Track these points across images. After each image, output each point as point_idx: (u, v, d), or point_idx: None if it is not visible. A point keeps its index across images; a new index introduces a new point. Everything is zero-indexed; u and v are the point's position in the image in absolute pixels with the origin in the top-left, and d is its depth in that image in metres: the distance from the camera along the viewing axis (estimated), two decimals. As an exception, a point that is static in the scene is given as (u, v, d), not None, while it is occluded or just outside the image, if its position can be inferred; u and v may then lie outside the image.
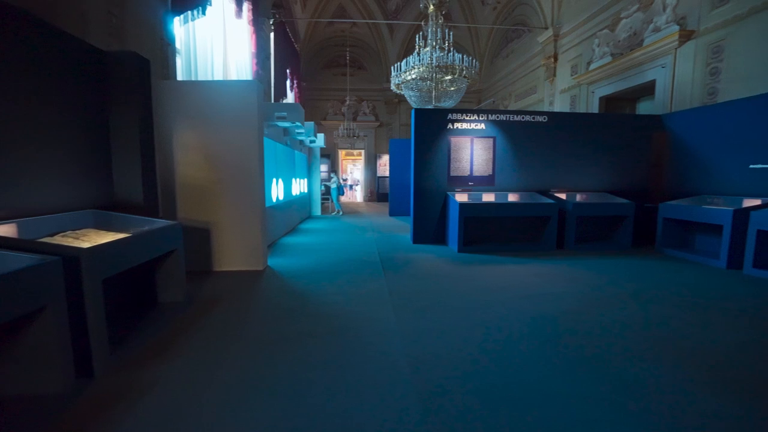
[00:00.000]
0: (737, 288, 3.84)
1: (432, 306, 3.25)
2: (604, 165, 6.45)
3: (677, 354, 2.36)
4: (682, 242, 5.70)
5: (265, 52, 9.80)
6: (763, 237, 4.33)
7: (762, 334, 2.69)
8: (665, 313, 3.10)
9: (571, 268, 4.65)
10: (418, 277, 4.20)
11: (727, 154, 5.37)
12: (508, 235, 6.15)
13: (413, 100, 8.38)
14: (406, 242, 6.44)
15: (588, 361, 2.26)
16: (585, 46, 10.00)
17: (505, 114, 6.24)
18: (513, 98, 14.28)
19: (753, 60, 6.01)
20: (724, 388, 1.96)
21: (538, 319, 2.95)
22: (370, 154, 17.54)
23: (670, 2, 7.39)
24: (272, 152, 6.25)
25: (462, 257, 5.23)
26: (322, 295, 3.55)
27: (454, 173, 6.17)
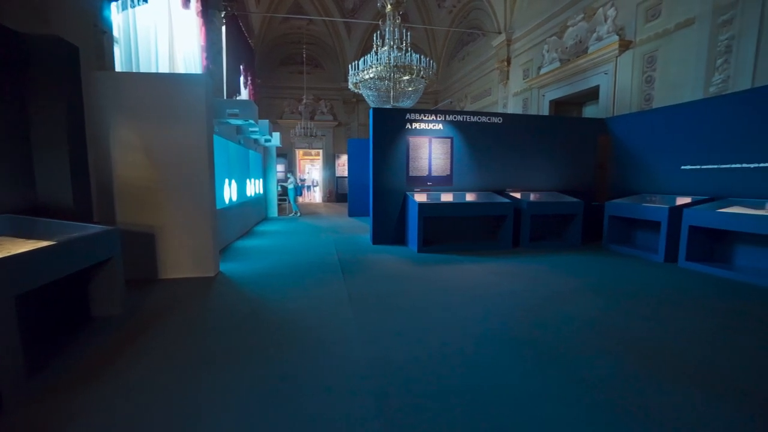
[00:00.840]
0: (673, 280, 4.13)
1: (393, 309, 3.19)
2: (554, 165, 6.74)
3: (629, 346, 2.46)
4: (625, 238, 6.08)
5: (217, 46, 9.30)
6: (694, 232, 4.71)
7: (700, 322, 2.89)
8: (615, 307, 3.25)
9: (527, 265, 4.79)
10: (379, 280, 4.13)
11: (662, 156, 5.80)
12: (467, 234, 6.25)
13: (371, 99, 8.32)
14: (366, 243, 6.36)
15: (550, 358, 2.30)
16: (536, 52, 10.45)
17: (461, 115, 6.35)
18: (469, 100, 14.66)
19: (680, 70, 6.55)
20: (683, 379, 2.06)
21: (499, 318, 2.98)
22: (328, 153, 17.28)
23: (611, 14, 7.89)
24: (224, 151, 5.91)
25: (422, 257, 5.24)
26: (277, 302, 3.37)
27: (413, 173, 6.18)
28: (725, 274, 4.29)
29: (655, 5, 7.01)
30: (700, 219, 4.59)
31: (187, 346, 2.48)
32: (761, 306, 3.29)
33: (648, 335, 2.65)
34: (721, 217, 4.39)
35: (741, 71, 5.66)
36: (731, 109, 4.85)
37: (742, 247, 4.62)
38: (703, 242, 4.77)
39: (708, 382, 2.02)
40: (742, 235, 4.58)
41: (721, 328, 2.79)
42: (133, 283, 3.86)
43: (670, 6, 6.74)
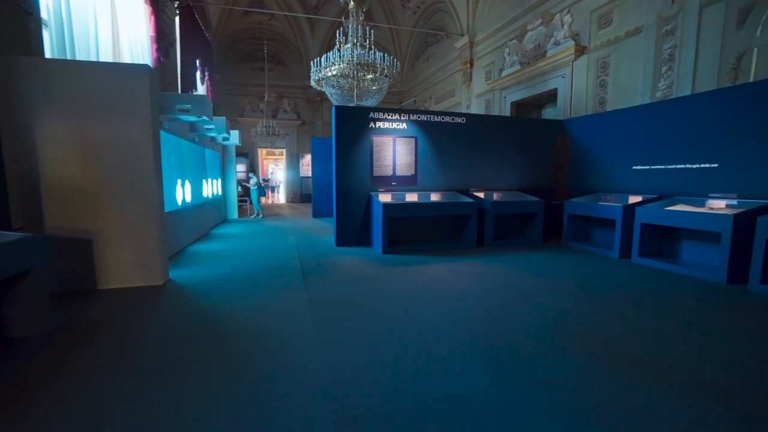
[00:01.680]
0: (628, 276, 4.28)
1: (356, 314, 3.05)
2: (516, 165, 6.87)
3: (592, 344, 2.46)
4: (583, 236, 6.29)
5: (169, 38, 8.74)
6: (645, 229, 4.92)
7: (656, 318, 2.97)
8: (576, 306, 3.29)
9: (491, 265, 4.81)
10: (342, 283, 3.98)
11: (615, 157, 6.04)
12: (432, 234, 6.22)
13: (334, 97, 8.13)
14: (330, 245, 6.17)
15: (517, 361, 2.25)
16: (497, 54, 10.66)
17: (425, 114, 6.31)
18: (433, 100, 14.78)
19: (630, 75, 6.88)
20: (646, 376, 2.06)
21: (464, 320, 2.92)
22: (292, 153, 16.84)
23: (567, 20, 8.17)
24: (175, 149, 5.52)
25: (387, 259, 5.13)
26: (232, 311, 3.14)
27: (377, 173, 6.06)
28: (673, 268, 4.51)
29: (607, 13, 7.32)
30: (650, 217, 4.80)
31: (129, 365, 2.22)
32: (706, 299, 3.45)
33: (610, 333, 2.68)
34: (668, 214, 4.60)
35: (683, 78, 6.00)
36: (675, 113, 5.12)
37: (687, 242, 4.88)
38: (653, 238, 4.99)
39: (670, 377, 2.05)
40: (686, 231, 4.84)
41: (674, 323, 2.87)
42: (68, 295, 3.47)
43: (620, 15, 7.06)
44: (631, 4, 6.79)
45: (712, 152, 4.70)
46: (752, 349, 2.43)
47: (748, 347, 2.46)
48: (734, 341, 2.55)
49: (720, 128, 4.61)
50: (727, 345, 2.49)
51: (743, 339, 2.59)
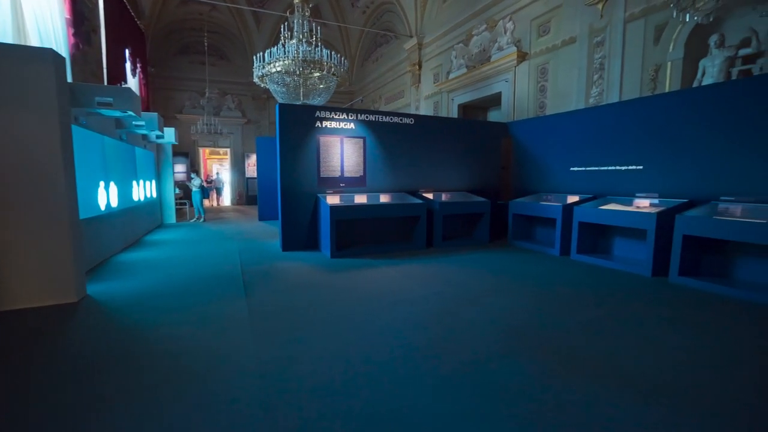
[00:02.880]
0: (568, 273, 4.47)
1: (301, 325, 2.86)
2: (463, 166, 6.99)
3: (539, 345, 2.48)
4: (527, 234, 6.54)
5: (91, 23, 7.86)
6: (582, 228, 5.19)
7: (593, 314, 3.09)
8: (522, 304, 3.35)
9: (441, 266, 4.81)
10: (286, 291, 3.75)
11: (555, 158, 6.34)
12: (381, 236, 6.14)
13: (279, 95, 7.78)
14: (275, 250, 5.87)
15: (466, 367, 2.19)
16: (445, 57, 10.86)
17: (373, 114, 6.22)
18: (383, 101, 14.78)
19: (566, 82, 7.28)
20: (591, 375, 2.09)
21: (414, 326, 2.84)
22: (237, 153, 16.03)
23: (509, 27, 8.49)
24: (96, 148, 4.94)
25: (335, 263, 4.96)
26: (159, 330, 2.80)
27: (324, 174, 5.86)
28: (607, 264, 4.79)
29: (545, 22, 7.70)
30: (586, 216, 5.07)
31: (15, 409, 1.86)
32: (634, 292, 3.68)
33: (554, 332, 2.73)
34: (602, 213, 4.89)
35: (612, 86, 6.45)
36: (605, 119, 5.46)
37: (619, 239, 5.22)
38: (589, 236, 5.29)
39: (610, 374, 2.09)
40: (618, 229, 5.18)
41: (612, 318, 3.00)
42: (-51, 319, 2.93)
43: (557, 24, 7.45)
44: (567, 14, 7.19)
45: (637, 155, 5.06)
46: (670, 339, 2.58)
47: (670, 337, 2.62)
48: (660, 332, 2.71)
49: (643, 133, 4.97)
50: (657, 337, 2.63)
51: (668, 329, 2.76)
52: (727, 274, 4.07)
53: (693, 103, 4.49)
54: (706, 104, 4.37)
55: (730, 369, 2.20)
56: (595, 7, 6.56)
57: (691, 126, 4.50)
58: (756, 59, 5.08)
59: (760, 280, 3.82)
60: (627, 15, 6.13)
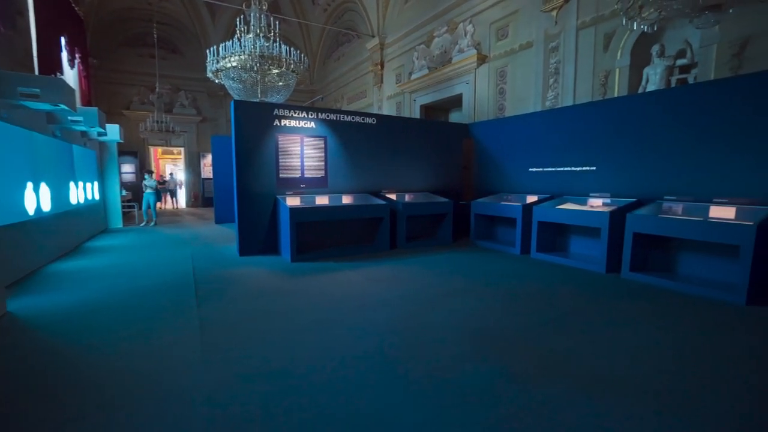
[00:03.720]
0: (529, 271, 4.55)
1: (257, 337, 2.66)
2: (426, 167, 6.99)
3: (506, 349, 2.45)
4: (489, 234, 6.64)
5: (16, 5, 7.09)
6: (541, 227, 5.32)
7: (554, 313, 3.13)
8: (486, 305, 3.33)
9: (404, 268, 4.75)
10: (242, 300, 3.52)
11: (514, 159, 6.48)
12: (344, 238, 5.99)
13: (236, 92, 7.41)
14: (232, 255, 5.56)
15: (431, 372, 2.11)
16: (407, 58, 10.88)
17: (335, 113, 6.06)
18: (345, 101, 14.61)
19: (524, 85, 7.50)
20: (559, 377, 2.07)
21: (377, 333, 2.73)
22: (192, 152, 15.22)
23: (470, 29, 8.62)
24: (22, 145, 4.43)
25: (296, 267, 4.76)
26: (90, 351, 2.50)
27: (283, 174, 5.62)
28: (565, 261, 4.94)
29: (503, 26, 7.88)
30: (545, 215, 5.21)
31: None
32: (591, 290, 3.79)
33: (519, 333, 2.72)
34: (559, 213, 5.04)
35: (566, 90, 6.70)
36: (561, 121, 5.64)
37: (575, 237, 5.41)
38: (548, 235, 5.43)
39: (577, 373, 2.09)
40: (574, 227, 5.36)
41: (572, 316, 3.05)
42: None
43: (514, 29, 7.65)
44: (524, 20, 7.40)
45: (591, 156, 5.27)
46: (629, 335, 2.66)
47: (628, 334, 2.69)
48: (618, 329, 2.78)
49: (595, 136, 5.18)
50: (616, 334, 2.70)
51: (625, 326, 2.84)
52: (672, 269, 4.30)
53: (638, 108, 4.73)
54: (649, 109, 4.61)
55: (686, 364, 2.28)
56: (550, 14, 6.79)
57: (637, 129, 4.73)
58: (690, 69, 5.45)
59: (699, 274, 4.07)
60: (579, 23, 6.39)
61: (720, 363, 2.28)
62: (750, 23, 4.68)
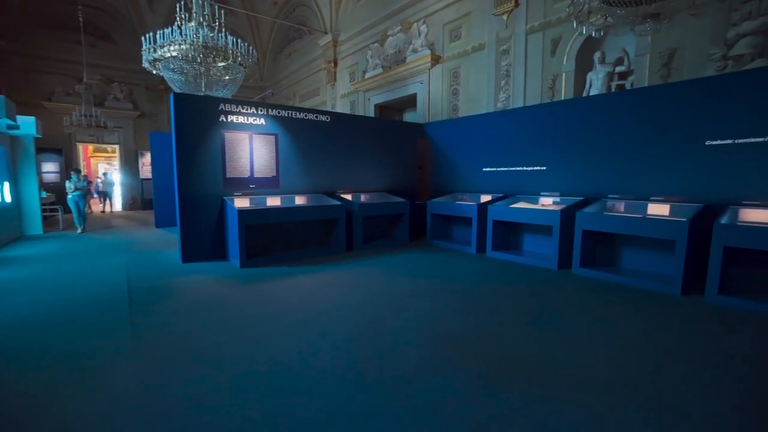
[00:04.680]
0: (485, 270, 4.59)
1: (197, 357, 2.38)
2: (382, 166, 6.88)
3: (468, 354, 2.38)
4: (445, 233, 6.67)
5: None
6: (497, 226, 5.41)
7: (510, 313, 3.13)
8: (444, 306, 3.27)
9: (362, 270, 4.59)
10: (184, 313, 3.18)
11: (468, 159, 6.56)
12: (298, 241, 5.72)
13: (177, 85, 6.83)
14: (174, 262, 5.08)
15: (394, 384, 1.97)
16: (361, 56, 10.72)
17: (287, 110, 5.76)
18: (297, 98, 14.17)
19: (477, 86, 7.64)
20: (524, 380, 2.01)
21: (337, 343, 2.55)
22: (128, 150, 13.96)
23: (423, 30, 8.65)
24: None
25: (245, 274, 4.44)
26: (2, 383, 2.10)
27: (231, 174, 5.24)
28: (519, 259, 5.05)
29: (457, 28, 7.98)
30: (499, 214, 5.30)
31: None
32: (546, 287, 3.88)
33: (479, 334, 2.67)
34: (513, 211, 5.15)
35: (517, 92, 6.91)
36: (513, 122, 5.78)
37: (528, 235, 5.56)
38: (502, 233, 5.54)
39: (542, 375, 2.06)
40: (527, 226, 5.51)
41: (529, 315, 3.07)
42: None
43: (467, 30, 7.77)
44: (476, 22, 7.53)
45: (541, 157, 5.45)
46: (584, 331, 2.71)
47: (583, 330, 2.75)
48: (574, 325, 2.83)
49: (545, 137, 5.35)
50: (572, 331, 2.74)
51: (580, 322, 2.90)
52: (617, 264, 4.54)
53: (582, 110, 4.96)
54: (593, 112, 4.85)
55: (638, 356, 2.34)
56: (501, 18, 6.96)
57: (582, 131, 4.95)
58: (627, 76, 5.83)
59: (640, 267, 4.33)
60: (528, 27, 6.61)
61: (668, 353, 2.37)
62: (677, 36, 5.07)
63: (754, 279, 3.57)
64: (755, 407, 1.83)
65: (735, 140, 3.82)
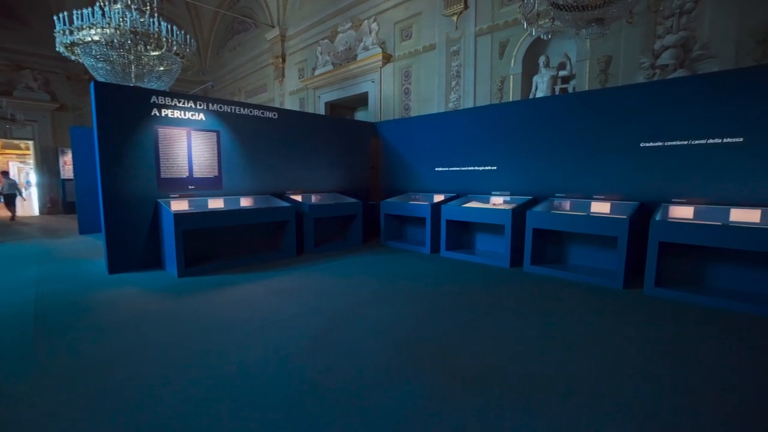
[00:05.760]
0: (440, 271, 4.55)
1: (116, 389, 2.03)
2: (333, 166, 6.65)
3: (426, 360, 2.26)
4: (399, 234, 6.59)
5: None
6: (450, 225, 5.41)
7: (468, 314, 3.08)
8: (401, 311, 3.15)
9: (314, 275, 4.35)
10: (106, 332, 2.76)
11: (421, 159, 6.52)
12: (244, 245, 5.33)
13: (101, 73, 6.09)
14: (99, 273, 4.50)
15: (350, 401, 1.79)
16: (310, 52, 10.38)
17: (230, 105, 5.34)
18: (243, 94, 13.46)
19: (428, 86, 7.66)
20: (482, 389, 1.91)
21: (286, 359, 2.32)
22: (46, 147, 12.41)
23: (374, 27, 8.53)
24: None
25: (184, 284, 4.02)
26: None
27: (166, 175, 4.75)
28: (473, 259, 5.08)
29: (407, 27, 7.95)
30: (453, 213, 5.30)
31: None
32: (499, 287, 3.91)
33: (438, 341, 2.57)
34: (466, 211, 5.17)
35: (467, 93, 7.01)
36: (464, 122, 5.83)
37: (481, 234, 5.63)
38: (456, 233, 5.56)
39: (498, 383, 1.99)
40: (480, 225, 5.58)
41: (484, 318, 3.04)
42: None
43: (418, 30, 7.76)
44: (426, 22, 7.54)
45: (492, 156, 5.54)
46: (537, 333, 2.72)
47: (537, 331, 2.76)
48: (527, 327, 2.83)
49: (495, 137, 5.45)
50: (527, 333, 2.73)
51: (533, 322, 2.91)
52: (564, 260, 4.72)
53: (529, 112, 5.10)
54: (538, 114, 5.00)
55: (598, 354, 2.36)
56: (451, 19, 7.02)
57: (529, 131, 5.09)
58: (569, 80, 6.12)
59: (586, 263, 4.53)
60: (477, 29, 6.72)
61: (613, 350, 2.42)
62: (612, 44, 5.39)
63: (686, 271, 3.84)
64: (689, 393, 1.89)
65: (665, 143, 4.10)
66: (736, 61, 4.58)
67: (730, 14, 4.61)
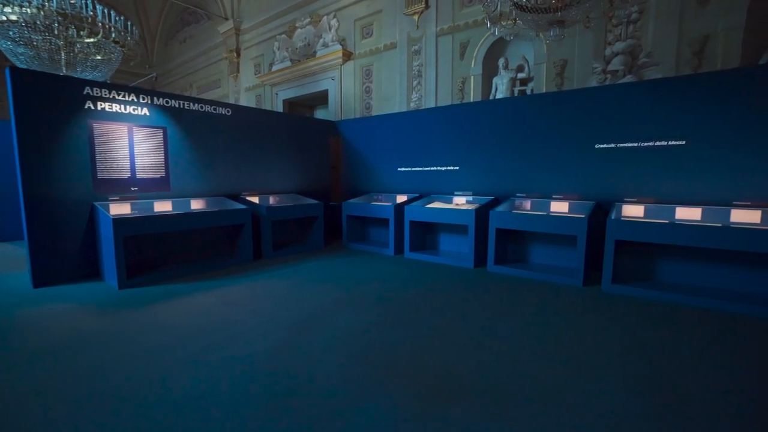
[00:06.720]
0: (404, 273, 4.45)
1: (38, 425, 1.72)
2: (292, 166, 6.37)
3: (393, 372, 2.13)
4: (362, 236, 6.43)
5: None
6: (413, 226, 5.34)
7: (435, 318, 2.99)
8: (366, 318, 3.00)
9: (272, 282, 4.09)
10: (24, 362, 2.38)
11: (383, 158, 6.40)
12: (195, 252, 4.94)
13: (22, 59, 5.39)
14: (21, 288, 3.95)
15: (309, 420, 1.62)
16: (267, 47, 9.96)
17: (177, 100, 4.92)
18: (195, 90, 12.71)
19: (389, 85, 7.57)
20: (447, 401, 1.80)
21: (240, 379, 2.09)
22: (-38, 143, 10.97)
23: (334, 24, 8.31)
24: None
25: (125, 296, 3.62)
26: None
27: (104, 175, 4.27)
28: (437, 259, 5.04)
29: (368, 25, 7.81)
30: (416, 214, 5.23)
31: None
32: (463, 288, 3.88)
33: (405, 350, 2.45)
34: (430, 212, 5.12)
35: (428, 92, 7.00)
36: (426, 122, 5.78)
37: (444, 234, 5.61)
38: (419, 233, 5.50)
39: (473, 389, 1.89)
40: (442, 225, 5.56)
41: (451, 322, 2.96)
42: None
43: (379, 28, 7.65)
44: (387, 20, 7.44)
45: (454, 157, 5.53)
46: (505, 335, 2.69)
47: (503, 333, 2.72)
48: (495, 330, 2.79)
49: (456, 137, 5.44)
50: (494, 336, 2.68)
51: (498, 325, 2.88)
52: (526, 259, 4.79)
53: (489, 112, 5.14)
54: (499, 114, 5.05)
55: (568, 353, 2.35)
56: (412, 18, 6.97)
57: (490, 132, 5.13)
58: (527, 83, 6.27)
59: (547, 262, 4.63)
60: (438, 29, 6.72)
61: (574, 346, 2.43)
62: (568, 49, 5.57)
63: (640, 268, 4.01)
64: (647, 387, 1.91)
65: (617, 144, 4.26)
66: (677, 69, 4.88)
67: (670, 26, 4.90)
